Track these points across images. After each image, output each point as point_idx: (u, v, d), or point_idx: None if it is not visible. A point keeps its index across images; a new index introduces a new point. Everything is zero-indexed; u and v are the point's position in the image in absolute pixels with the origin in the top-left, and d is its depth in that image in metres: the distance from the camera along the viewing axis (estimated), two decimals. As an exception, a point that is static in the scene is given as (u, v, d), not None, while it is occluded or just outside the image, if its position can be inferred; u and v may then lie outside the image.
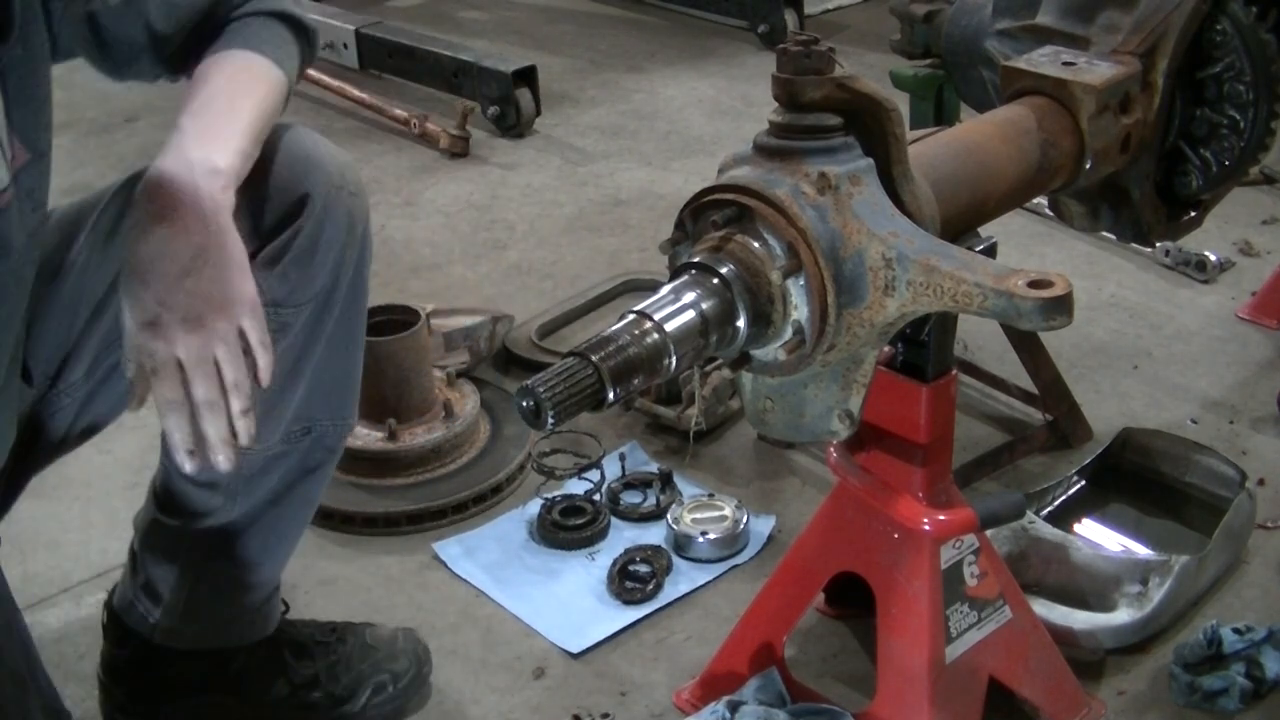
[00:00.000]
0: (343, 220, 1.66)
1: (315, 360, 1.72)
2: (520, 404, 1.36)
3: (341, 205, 1.66)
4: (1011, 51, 2.07)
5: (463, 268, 3.29)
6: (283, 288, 1.61)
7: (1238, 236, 3.24)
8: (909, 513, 1.73)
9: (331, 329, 1.71)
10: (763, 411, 1.65)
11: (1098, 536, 2.22)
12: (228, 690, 1.89)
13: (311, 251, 1.64)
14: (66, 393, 1.64)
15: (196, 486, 1.76)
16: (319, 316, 1.69)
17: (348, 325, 1.75)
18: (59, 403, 1.65)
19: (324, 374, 1.74)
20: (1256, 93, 1.93)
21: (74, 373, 1.64)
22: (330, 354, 1.73)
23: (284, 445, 1.76)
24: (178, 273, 1.43)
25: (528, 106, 4.01)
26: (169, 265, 1.43)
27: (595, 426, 2.56)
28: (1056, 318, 1.37)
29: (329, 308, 1.69)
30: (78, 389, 1.65)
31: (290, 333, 1.66)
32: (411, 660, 1.99)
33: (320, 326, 1.70)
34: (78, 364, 1.64)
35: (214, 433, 1.46)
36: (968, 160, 1.72)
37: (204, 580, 1.82)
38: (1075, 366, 2.76)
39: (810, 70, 1.47)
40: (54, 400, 1.64)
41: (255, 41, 1.62)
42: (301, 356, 1.70)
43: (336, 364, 1.76)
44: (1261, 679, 1.93)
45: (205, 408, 1.45)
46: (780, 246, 1.46)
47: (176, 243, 1.43)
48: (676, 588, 2.22)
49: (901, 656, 1.78)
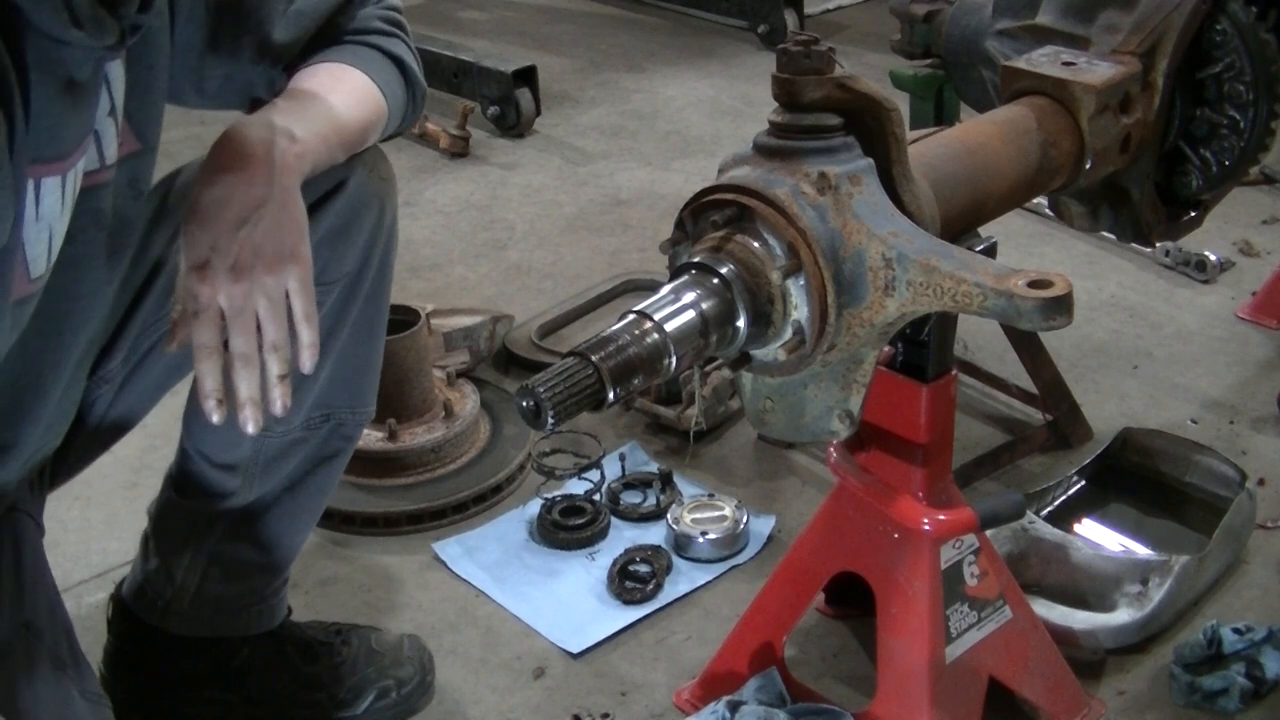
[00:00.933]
0: (375, 205, 1.69)
1: (340, 345, 1.74)
2: (520, 404, 1.36)
3: (374, 191, 1.69)
4: (1011, 51, 2.07)
5: (463, 268, 3.29)
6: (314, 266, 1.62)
7: (1238, 236, 3.24)
8: (909, 513, 1.73)
9: (357, 315, 1.74)
10: (763, 411, 1.65)
11: (1098, 536, 2.22)
12: (230, 686, 1.90)
13: (344, 232, 1.66)
14: (105, 379, 1.66)
15: (214, 468, 1.78)
16: (346, 299, 1.71)
17: (372, 313, 1.77)
18: (96, 391, 1.66)
19: (346, 361, 1.76)
20: (1256, 93, 1.93)
21: (114, 360, 1.65)
22: (354, 341, 1.75)
23: (304, 431, 1.78)
24: (234, 220, 1.43)
25: (528, 106, 4.01)
26: (228, 212, 1.43)
27: (595, 426, 2.56)
28: (1056, 318, 1.37)
29: (355, 291, 1.72)
30: (115, 377, 1.67)
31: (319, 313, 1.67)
32: (416, 668, 1.99)
33: (347, 310, 1.72)
34: (117, 352, 1.65)
35: (245, 388, 1.45)
36: (968, 160, 1.72)
37: (216, 563, 1.83)
38: (1075, 366, 2.76)
39: (810, 70, 1.47)
40: (93, 389, 1.66)
41: (364, 64, 1.63)
42: (327, 339, 1.71)
43: (359, 352, 1.78)
44: (1261, 679, 1.93)
45: (240, 360, 1.44)
46: (780, 246, 1.46)
47: (238, 191, 1.44)
48: (676, 588, 2.22)
49: (901, 656, 1.79)
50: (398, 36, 1.69)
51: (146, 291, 1.65)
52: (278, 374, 1.46)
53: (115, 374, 1.67)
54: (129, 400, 1.71)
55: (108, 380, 1.66)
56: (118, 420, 1.72)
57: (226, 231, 1.43)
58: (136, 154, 1.47)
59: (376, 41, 1.66)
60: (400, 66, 1.67)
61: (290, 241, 1.46)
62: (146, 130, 1.48)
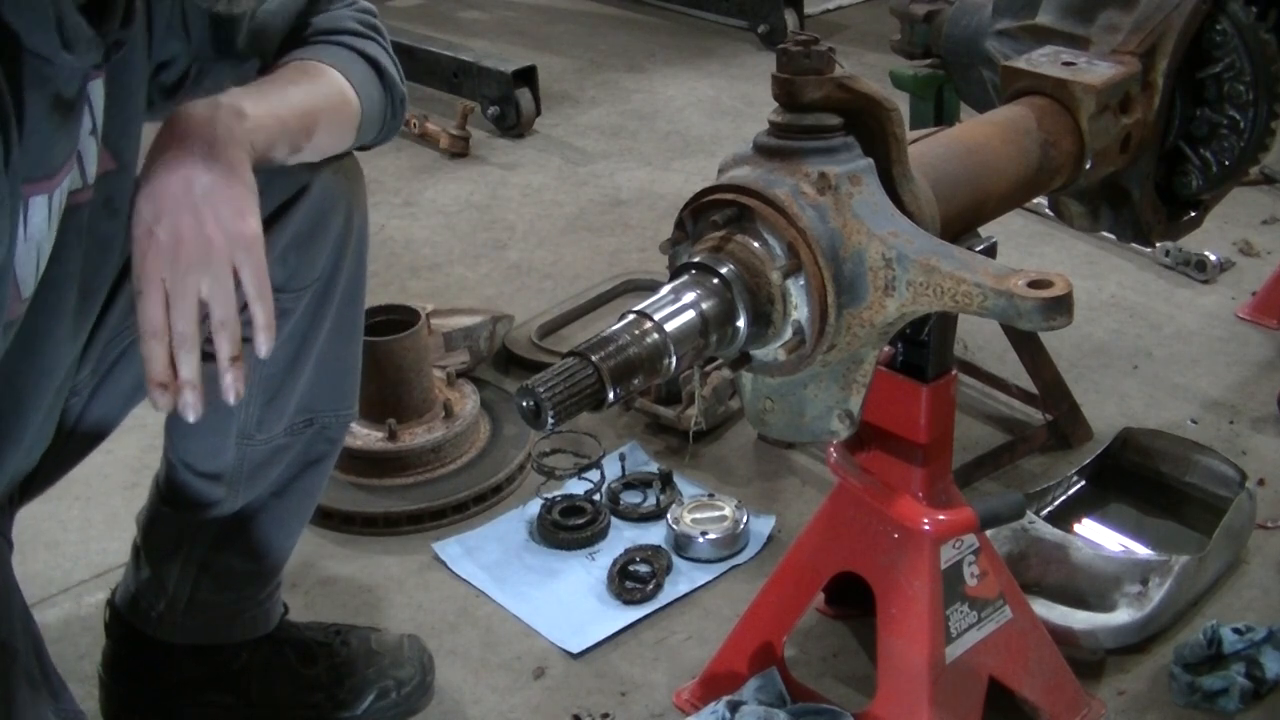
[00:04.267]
0: (341, 208, 1.67)
1: (317, 349, 1.73)
2: (520, 404, 1.36)
3: (340, 192, 1.67)
4: (1011, 51, 2.07)
5: (463, 268, 3.29)
6: (282, 273, 1.61)
7: (1238, 236, 3.24)
8: (909, 513, 1.73)
9: (334, 317, 1.72)
10: (763, 411, 1.65)
11: (1098, 536, 2.22)
12: (229, 690, 1.89)
13: (311, 236, 1.65)
14: (75, 392, 1.64)
15: (199, 477, 1.77)
16: (320, 303, 1.70)
17: (349, 314, 1.75)
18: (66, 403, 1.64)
19: (326, 364, 1.75)
20: (1256, 93, 1.93)
21: (81, 371, 1.64)
22: (331, 344, 1.74)
23: (287, 436, 1.77)
24: (176, 195, 1.39)
25: (528, 106, 4.01)
26: (170, 187, 1.40)
27: (595, 426, 2.56)
28: (1056, 318, 1.37)
29: (329, 294, 1.70)
30: (83, 388, 1.65)
31: (291, 319, 1.66)
32: (416, 668, 1.99)
33: (321, 314, 1.71)
34: (86, 363, 1.64)
35: (186, 371, 1.40)
36: (968, 160, 1.72)
37: (207, 573, 1.82)
38: (1075, 366, 2.76)
39: (810, 70, 1.47)
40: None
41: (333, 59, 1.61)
42: (304, 344, 1.70)
43: (338, 354, 1.77)
44: (1261, 679, 1.93)
45: (178, 340, 1.39)
46: (780, 246, 1.46)
47: (181, 166, 1.40)
48: (676, 588, 2.22)
49: (901, 656, 1.78)
50: (374, 39, 1.67)
51: (112, 301, 1.62)
52: (228, 356, 1.41)
53: (84, 385, 1.64)
54: (99, 411, 1.68)
55: (76, 393, 1.64)
56: (88, 431, 1.70)
57: (169, 208, 1.39)
58: (112, 173, 1.45)
59: (350, 41, 1.64)
60: (376, 68, 1.65)
61: (236, 216, 1.41)
62: (123, 149, 1.46)
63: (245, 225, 1.41)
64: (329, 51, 1.62)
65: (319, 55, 1.61)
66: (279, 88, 1.54)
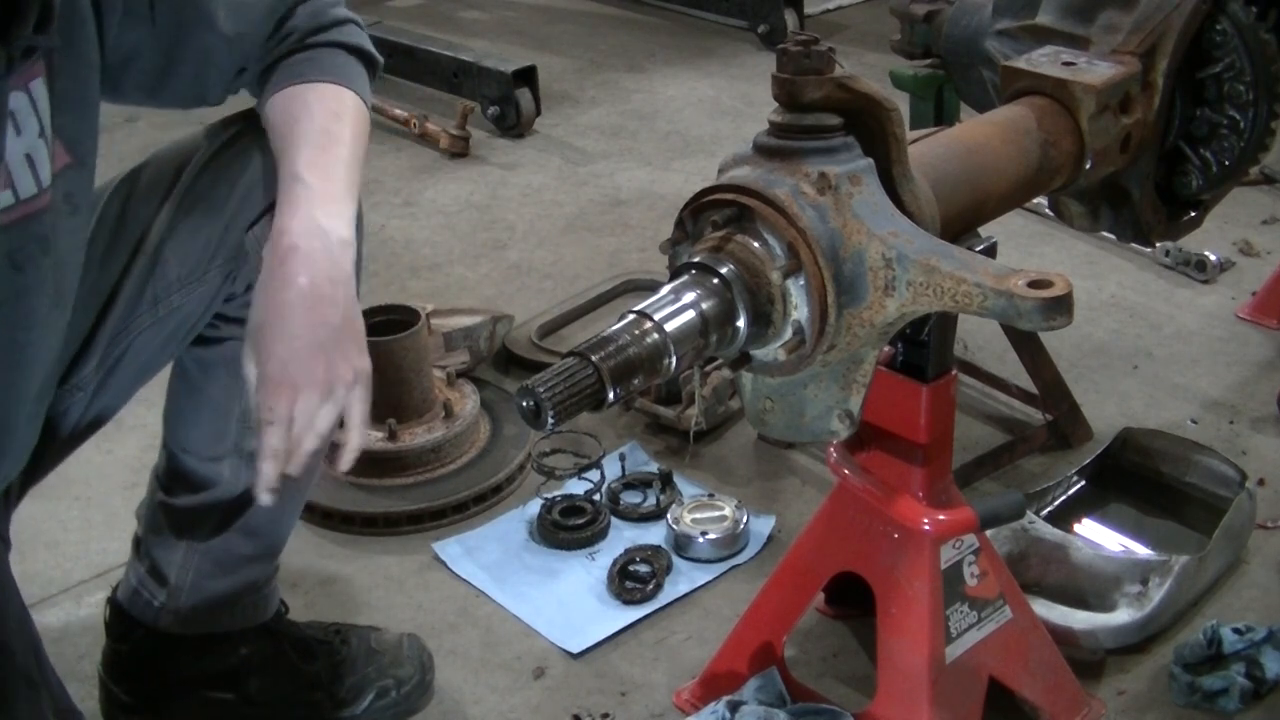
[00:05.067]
0: None
1: None
2: (520, 404, 1.36)
3: None
4: (1011, 51, 2.07)
5: (463, 268, 3.29)
6: None
7: (1238, 236, 3.24)
8: (909, 513, 1.73)
9: None
10: (763, 411, 1.65)
11: (1098, 536, 2.22)
12: (229, 687, 1.89)
13: None
14: (79, 387, 1.65)
15: (202, 461, 1.79)
16: None
17: None
18: (71, 399, 1.65)
19: None
20: (1256, 93, 1.93)
21: (86, 367, 1.64)
22: None
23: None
24: (308, 341, 1.47)
25: (528, 106, 4.01)
26: (301, 331, 1.47)
27: (595, 426, 2.56)
28: (1056, 318, 1.37)
29: None
30: (88, 384, 1.66)
31: None
32: (416, 667, 1.99)
33: None
34: (90, 359, 1.64)
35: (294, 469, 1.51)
36: (968, 160, 1.72)
37: (208, 556, 1.83)
38: (1075, 366, 2.76)
39: (810, 70, 1.47)
40: (66, 397, 1.64)
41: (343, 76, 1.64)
42: None
43: None
44: (1261, 679, 1.93)
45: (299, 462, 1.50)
46: (780, 246, 1.46)
47: (311, 313, 1.48)
48: (676, 588, 2.22)
49: (901, 656, 1.78)
50: (352, 21, 1.70)
51: (115, 297, 1.63)
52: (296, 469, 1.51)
53: (89, 380, 1.65)
54: (102, 403, 1.70)
55: (81, 388, 1.65)
56: (91, 422, 1.72)
57: (299, 350, 1.47)
58: (70, 167, 1.45)
59: (339, 38, 1.66)
60: (363, 57, 1.68)
61: (355, 357, 1.51)
62: (79, 144, 1.46)
63: (363, 363, 1.52)
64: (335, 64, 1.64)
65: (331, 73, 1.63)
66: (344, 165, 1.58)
